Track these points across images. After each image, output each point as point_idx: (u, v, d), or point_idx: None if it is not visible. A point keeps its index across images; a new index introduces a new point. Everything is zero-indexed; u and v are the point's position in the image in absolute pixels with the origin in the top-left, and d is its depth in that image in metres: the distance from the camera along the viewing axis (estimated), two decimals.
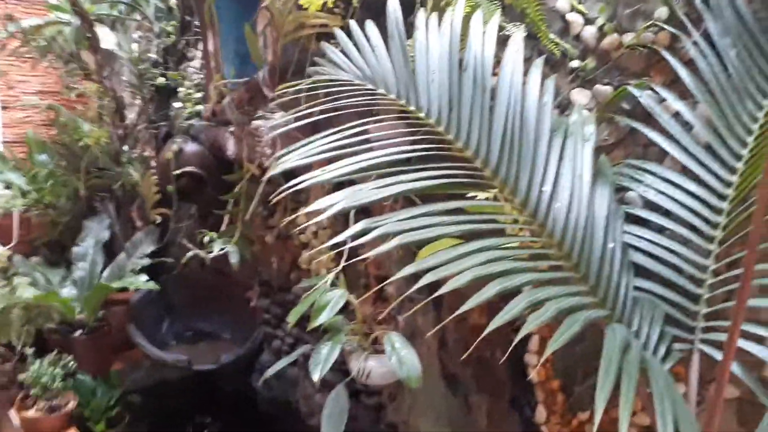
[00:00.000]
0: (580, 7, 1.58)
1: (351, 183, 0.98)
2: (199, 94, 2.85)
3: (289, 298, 2.53)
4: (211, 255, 2.01)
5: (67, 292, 3.00)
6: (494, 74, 1.20)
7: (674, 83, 1.42)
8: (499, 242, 0.89)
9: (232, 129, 2.05)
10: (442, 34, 1.17)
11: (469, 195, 1.04)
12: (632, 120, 1.43)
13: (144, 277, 2.73)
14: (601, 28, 1.56)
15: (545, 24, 1.56)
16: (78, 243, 3.21)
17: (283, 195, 0.93)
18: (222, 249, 2.01)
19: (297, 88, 1.17)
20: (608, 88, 1.54)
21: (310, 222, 0.95)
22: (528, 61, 1.36)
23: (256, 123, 1.81)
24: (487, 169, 1.05)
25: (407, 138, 1.03)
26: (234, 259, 2.02)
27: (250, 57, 2.76)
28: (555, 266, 0.98)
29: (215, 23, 2.16)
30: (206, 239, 2.07)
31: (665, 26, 1.41)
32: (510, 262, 0.86)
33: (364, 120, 1.04)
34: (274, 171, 0.96)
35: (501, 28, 1.38)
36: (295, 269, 2.52)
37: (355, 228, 0.86)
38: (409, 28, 1.39)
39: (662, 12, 1.43)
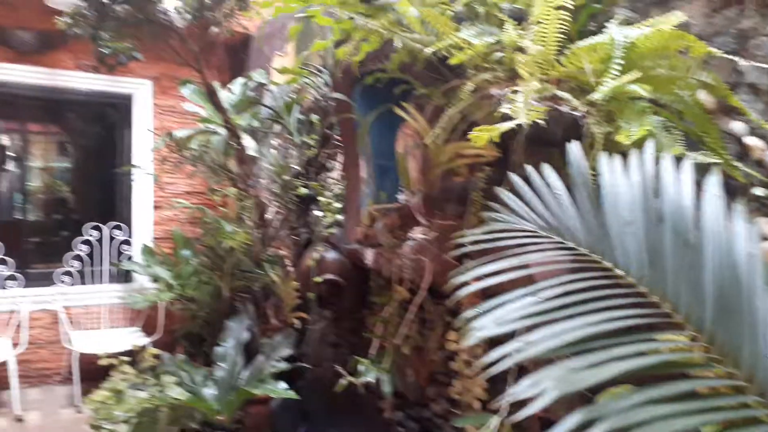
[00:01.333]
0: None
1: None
2: (338, 204, 2.90)
3: (426, 414, 2.41)
4: (363, 382, 1.95)
5: (209, 392, 3.05)
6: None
7: None
8: None
9: (380, 251, 2.04)
10: (631, 180, 1.09)
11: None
12: None
13: (283, 385, 2.72)
14: None
15: (726, 151, 1.44)
16: (219, 343, 3.28)
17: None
18: (375, 377, 1.95)
19: (474, 239, 1.11)
20: None
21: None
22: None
23: (407, 245, 1.78)
24: (702, 336, 0.92)
25: (611, 302, 0.93)
26: (387, 388, 1.95)
27: (390, 171, 2.80)
28: None
29: (368, 152, 2.20)
30: (360, 367, 2.02)
31: None
32: None
33: (561, 278, 0.96)
34: (471, 340, 0.89)
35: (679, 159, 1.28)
36: (433, 384, 2.42)
37: (571, 421, 0.76)
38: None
39: None
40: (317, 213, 2.98)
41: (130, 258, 4.82)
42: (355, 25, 1.74)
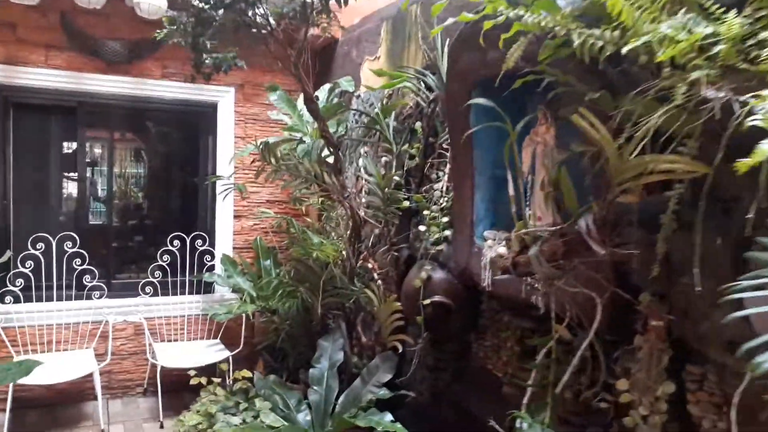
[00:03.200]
0: None
1: None
2: (445, 219, 2.63)
3: None
4: None
5: (303, 417, 2.84)
6: None
7: None
8: None
9: (531, 281, 1.74)
10: None
11: None
12: None
13: (389, 417, 2.48)
14: None
15: None
16: (313, 364, 3.06)
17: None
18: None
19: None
20: None
21: None
22: None
23: (571, 276, 1.49)
24: None
25: None
26: None
27: (506, 182, 2.51)
28: None
29: (514, 165, 1.92)
30: (518, 423, 1.74)
31: None
32: None
33: None
34: None
35: None
36: (566, 425, 2.11)
37: None
38: None
39: None
40: (421, 228, 2.72)
41: (211, 268, 4.69)
42: (509, 18, 1.47)
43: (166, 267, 4.50)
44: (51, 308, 4.18)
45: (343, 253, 3.33)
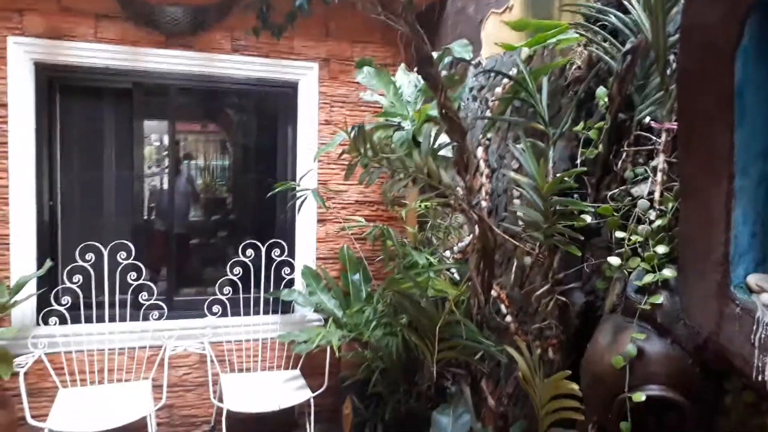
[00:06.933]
0: None
1: None
2: (661, 249, 1.52)
3: None
4: None
5: None
6: None
7: None
8: None
9: None
10: None
11: None
12: None
13: None
14: None
15: None
16: None
17: None
18: None
19: None
20: None
21: None
22: None
23: None
24: None
25: None
26: None
27: None
28: None
29: None
30: None
31: None
32: None
33: None
34: None
35: None
36: None
37: None
38: None
39: None
40: (612, 261, 1.62)
41: (290, 283, 3.79)
42: None
43: (237, 282, 3.63)
44: (102, 330, 3.41)
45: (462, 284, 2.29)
